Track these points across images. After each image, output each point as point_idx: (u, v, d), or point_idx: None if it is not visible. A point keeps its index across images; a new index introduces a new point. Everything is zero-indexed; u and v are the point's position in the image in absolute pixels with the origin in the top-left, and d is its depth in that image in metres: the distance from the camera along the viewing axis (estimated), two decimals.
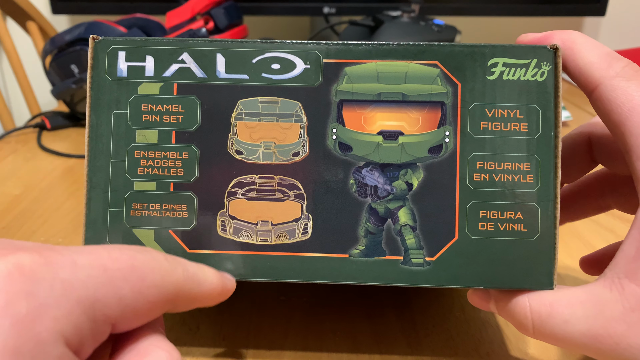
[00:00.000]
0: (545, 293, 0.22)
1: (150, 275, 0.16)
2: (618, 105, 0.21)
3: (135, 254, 0.16)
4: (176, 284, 0.18)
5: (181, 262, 0.19)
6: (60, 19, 0.93)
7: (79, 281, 0.14)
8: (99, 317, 0.15)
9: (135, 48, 0.24)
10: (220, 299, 0.21)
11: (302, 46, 0.24)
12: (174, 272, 0.18)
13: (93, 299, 0.15)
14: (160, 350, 0.17)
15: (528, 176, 0.23)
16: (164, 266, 0.17)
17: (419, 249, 0.23)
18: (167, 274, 0.17)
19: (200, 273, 0.20)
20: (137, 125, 0.23)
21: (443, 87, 0.23)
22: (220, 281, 0.21)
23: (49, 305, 0.13)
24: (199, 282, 0.19)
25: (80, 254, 0.15)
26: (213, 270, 0.21)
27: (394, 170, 0.23)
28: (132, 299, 0.16)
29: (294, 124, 0.23)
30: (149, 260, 0.17)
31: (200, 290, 0.19)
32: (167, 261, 0.18)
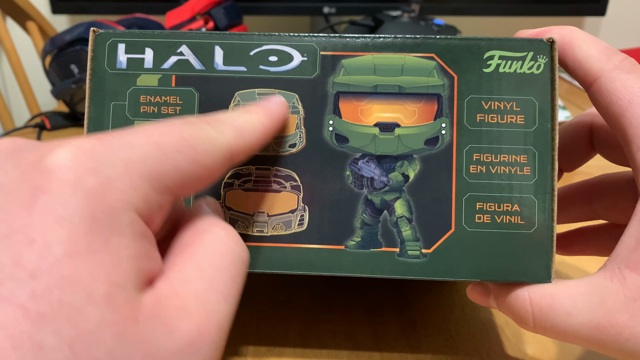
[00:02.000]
0: (546, 286, 0.22)
1: (201, 144, 0.17)
2: (617, 97, 0.21)
3: (182, 127, 0.17)
4: (227, 145, 0.18)
5: (228, 121, 0.19)
6: (60, 19, 0.93)
7: (137, 157, 0.15)
8: (161, 187, 0.16)
9: (134, 40, 0.24)
10: (277, 132, 0.22)
11: (300, 39, 0.24)
12: (221, 135, 0.18)
13: (153, 172, 0.15)
14: (218, 228, 0.18)
15: (525, 168, 0.23)
16: (211, 134, 0.18)
17: (415, 241, 0.23)
18: (216, 140, 0.18)
19: (250, 123, 0.20)
20: (135, 117, 0.24)
21: (439, 79, 0.23)
22: (271, 119, 0.21)
23: (114, 178, 0.14)
24: (249, 134, 0.20)
25: (133, 134, 0.16)
26: (260, 109, 0.21)
27: (390, 162, 0.23)
28: (188, 167, 0.16)
29: (291, 115, 0.23)
30: (195, 130, 0.17)
31: (252, 140, 0.20)
32: (212, 128, 0.18)
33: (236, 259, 0.17)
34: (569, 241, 0.29)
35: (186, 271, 0.16)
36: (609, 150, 0.26)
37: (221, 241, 0.17)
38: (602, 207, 0.27)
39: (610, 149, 0.26)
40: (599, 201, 0.27)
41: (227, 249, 0.17)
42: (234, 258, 0.17)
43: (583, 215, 0.28)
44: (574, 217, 0.29)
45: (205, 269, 0.16)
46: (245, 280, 0.18)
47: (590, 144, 0.26)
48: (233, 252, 0.17)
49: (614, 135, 0.25)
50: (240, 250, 0.18)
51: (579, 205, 0.28)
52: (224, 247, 0.17)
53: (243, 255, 0.18)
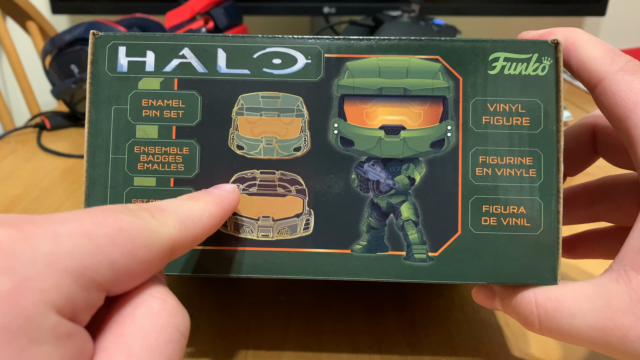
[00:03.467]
0: (551, 288, 0.22)
1: (139, 235, 0.15)
2: (622, 98, 0.21)
3: (120, 216, 0.16)
4: (169, 238, 0.17)
5: (172, 210, 0.18)
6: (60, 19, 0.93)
7: (62, 252, 0.14)
8: (90, 284, 0.14)
9: (135, 43, 0.24)
10: (224, 222, 0.20)
11: (303, 41, 0.24)
12: (163, 227, 0.17)
13: (81, 268, 0.14)
14: (153, 299, 0.16)
15: (530, 170, 0.23)
16: (152, 225, 0.16)
17: (421, 244, 0.23)
18: (156, 232, 0.16)
19: (195, 213, 0.18)
20: (137, 121, 0.23)
21: (445, 81, 0.23)
22: (219, 208, 0.20)
23: (32, 278, 0.13)
24: (194, 225, 0.18)
25: (61, 223, 0.14)
26: (207, 197, 0.20)
27: (396, 165, 0.23)
28: (124, 262, 0.15)
29: (295, 118, 0.23)
30: (135, 220, 0.16)
31: (197, 231, 0.18)
32: (154, 218, 0.17)
33: (173, 335, 0.16)
34: (574, 244, 0.29)
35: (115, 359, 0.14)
36: (612, 154, 0.26)
37: (156, 315, 0.16)
38: (605, 209, 0.27)
39: (613, 153, 0.25)
40: (602, 203, 0.27)
41: (162, 324, 0.16)
42: (170, 334, 0.16)
43: (586, 217, 0.28)
44: (577, 219, 0.29)
45: (136, 355, 0.15)
46: (183, 355, 0.16)
47: (593, 147, 0.26)
48: (169, 327, 0.16)
49: (617, 139, 0.25)
50: (178, 322, 0.16)
51: (581, 207, 0.28)
52: (159, 323, 0.15)
53: (182, 327, 0.16)
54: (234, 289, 0.32)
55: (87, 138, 0.23)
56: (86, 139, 0.23)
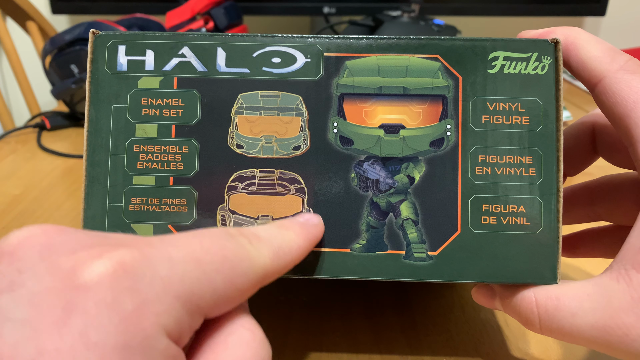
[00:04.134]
0: (552, 287, 0.22)
1: (240, 264, 0.16)
2: (623, 97, 0.21)
3: (224, 243, 0.16)
4: (264, 268, 0.17)
5: (267, 239, 0.18)
6: (60, 19, 0.93)
7: (176, 276, 0.14)
8: (195, 309, 0.15)
9: (135, 42, 0.24)
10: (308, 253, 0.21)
11: (303, 40, 0.23)
12: (259, 256, 0.17)
13: (190, 293, 0.15)
14: (244, 329, 0.17)
15: (530, 169, 0.23)
16: (251, 253, 0.17)
17: (421, 243, 0.23)
18: (254, 261, 0.17)
19: (287, 244, 0.19)
20: (136, 119, 0.23)
21: (444, 80, 0.23)
22: (306, 240, 0.20)
23: (151, 301, 0.14)
24: (285, 255, 0.19)
25: (175, 247, 0.15)
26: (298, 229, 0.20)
27: (395, 164, 0.23)
28: (224, 289, 0.16)
29: (295, 117, 0.23)
30: (236, 248, 0.17)
31: (287, 263, 0.19)
32: (252, 246, 0.17)
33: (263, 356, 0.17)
34: (574, 243, 0.29)
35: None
36: (612, 153, 0.26)
37: (246, 345, 0.16)
38: (605, 208, 0.27)
39: (613, 152, 0.25)
40: (602, 203, 0.27)
41: (252, 354, 0.16)
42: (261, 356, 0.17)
43: (585, 217, 0.28)
44: (576, 218, 0.28)
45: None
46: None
47: (592, 147, 0.26)
48: (257, 357, 0.16)
49: (617, 138, 0.25)
50: (264, 354, 0.17)
51: (581, 206, 0.28)
52: (249, 353, 0.16)
53: (266, 358, 0.17)
54: None
55: (86, 137, 0.23)
56: (86, 138, 0.23)
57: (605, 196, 0.27)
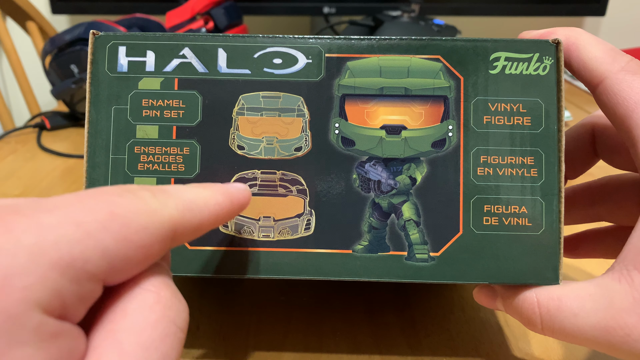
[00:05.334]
0: (553, 287, 0.22)
1: (135, 218, 0.14)
2: (624, 98, 0.21)
3: (114, 198, 0.14)
4: (170, 220, 0.15)
5: (175, 193, 0.16)
6: (60, 19, 0.93)
7: (47, 243, 0.13)
8: (81, 275, 0.13)
9: (135, 43, 0.24)
10: (232, 216, 0.19)
11: (304, 41, 0.23)
12: (164, 208, 0.15)
13: (69, 259, 0.13)
14: (146, 292, 0.15)
15: (532, 170, 0.23)
16: (151, 205, 0.15)
17: (423, 244, 0.23)
18: (156, 213, 0.15)
19: (201, 199, 0.17)
20: (137, 121, 0.23)
21: (446, 81, 0.23)
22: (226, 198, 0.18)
23: (14, 274, 0.12)
24: (200, 210, 0.17)
25: (48, 211, 0.13)
26: (216, 187, 0.18)
27: (397, 165, 0.23)
28: (117, 248, 0.14)
29: (296, 118, 0.23)
30: (131, 201, 0.15)
31: (202, 217, 0.17)
32: (155, 197, 0.15)
33: (169, 329, 0.15)
34: (575, 244, 0.29)
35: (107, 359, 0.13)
36: (612, 155, 0.26)
37: (149, 309, 0.14)
38: (606, 209, 0.27)
39: (613, 154, 0.25)
40: (603, 203, 0.27)
41: (156, 318, 0.14)
42: (165, 328, 0.14)
43: (586, 217, 0.28)
44: (577, 219, 0.28)
45: (129, 352, 0.14)
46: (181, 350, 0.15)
47: (593, 149, 0.26)
48: (164, 321, 0.15)
49: (617, 140, 0.25)
50: (173, 315, 0.15)
51: (582, 207, 0.28)
52: (152, 317, 0.14)
53: (178, 320, 0.15)
54: (234, 289, 0.32)
55: (87, 138, 0.23)
56: (86, 139, 0.23)
57: (606, 197, 0.27)
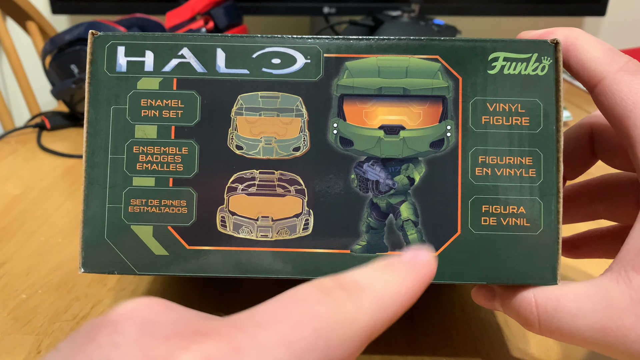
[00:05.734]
0: (551, 288, 0.22)
1: (335, 334, 0.15)
2: (622, 98, 0.21)
3: (316, 310, 0.15)
4: (367, 328, 0.15)
5: (368, 288, 0.16)
6: (60, 19, 0.93)
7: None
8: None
9: (134, 43, 0.24)
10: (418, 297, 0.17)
11: (303, 41, 0.23)
12: (360, 315, 0.15)
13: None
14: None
15: (530, 170, 0.23)
16: (349, 314, 0.15)
17: (421, 244, 0.23)
18: (354, 323, 0.15)
19: (392, 290, 0.16)
20: (136, 121, 0.23)
21: (444, 81, 0.23)
22: (416, 281, 0.17)
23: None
24: (393, 307, 0.16)
25: (263, 329, 0.14)
26: (404, 268, 0.17)
27: (395, 165, 0.23)
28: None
29: (295, 118, 0.23)
30: (331, 311, 0.15)
31: (395, 314, 0.16)
32: (351, 300, 0.15)
33: None
34: (575, 244, 0.29)
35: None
36: (610, 156, 0.26)
37: None
38: (604, 207, 0.27)
39: (612, 155, 0.25)
40: (601, 202, 0.27)
41: None
42: None
43: (585, 216, 0.28)
44: (576, 217, 0.28)
45: None
46: None
47: (591, 150, 0.26)
48: None
49: (615, 141, 0.25)
50: None
51: (581, 205, 0.28)
52: None
53: None
54: (233, 289, 0.32)
55: (86, 138, 0.23)
56: (85, 139, 0.23)
57: (605, 195, 0.27)
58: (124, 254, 0.23)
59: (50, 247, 0.37)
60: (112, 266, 0.23)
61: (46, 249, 0.37)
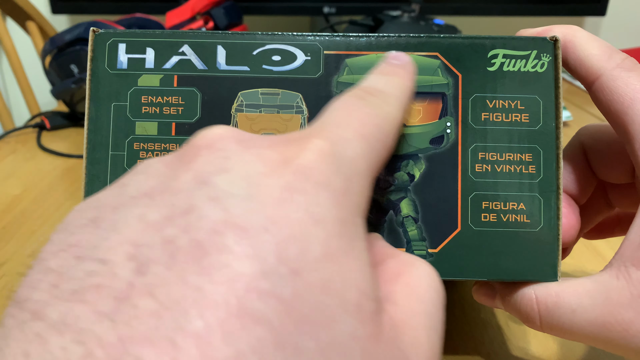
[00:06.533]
0: (552, 284, 0.22)
1: (386, 127, 0.17)
2: (620, 95, 0.21)
3: (370, 111, 0.17)
4: (399, 120, 0.18)
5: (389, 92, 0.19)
6: (60, 19, 0.93)
7: (358, 156, 0.15)
8: (372, 183, 0.16)
9: (135, 40, 0.24)
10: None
11: (303, 38, 0.24)
12: (393, 111, 0.18)
13: (370, 170, 0.16)
14: (421, 262, 0.17)
15: (530, 167, 0.23)
16: (387, 112, 0.17)
17: (421, 241, 0.23)
18: (392, 118, 0.17)
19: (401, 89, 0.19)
20: (136, 117, 0.23)
21: (444, 78, 0.23)
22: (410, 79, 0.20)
23: (351, 180, 0.15)
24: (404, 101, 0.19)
25: (341, 127, 0.16)
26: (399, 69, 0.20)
27: (395, 162, 0.23)
28: (384, 154, 0.17)
29: (295, 115, 0.23)
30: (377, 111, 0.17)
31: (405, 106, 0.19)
32: (384, 102, 0.18)
33: (442, 297, 0.17)
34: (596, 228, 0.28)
35: (411, 302, 0.15)
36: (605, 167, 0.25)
37: (430, 276, 0.17)
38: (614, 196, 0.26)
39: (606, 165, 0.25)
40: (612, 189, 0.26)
41: (437, 285, 0.17)
42: (441, 295, 0.17)
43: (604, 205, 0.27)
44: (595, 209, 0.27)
45: (426, 302, 0.16)
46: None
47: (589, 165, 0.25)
48: (440, 289, 0.17)
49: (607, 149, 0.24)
50: (442, 289, 0.17)
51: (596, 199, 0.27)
52: (435, 284, 0.16)
53: (444, 294, 0.17)
54: None
55: (86, 135, 0.23)
56: (86, 136, 0.23)
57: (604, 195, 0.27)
58: None
59: None
60: None
61: None
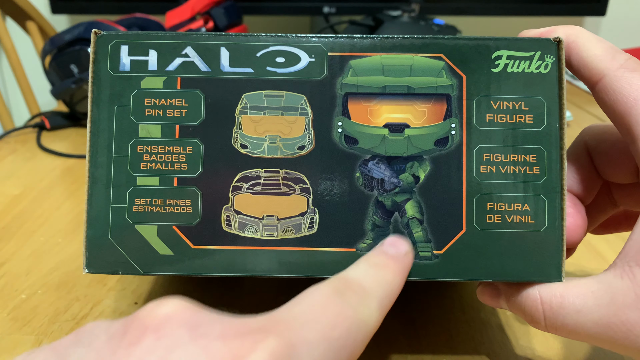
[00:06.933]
0: (556, 284, 0.22)
1: (357, 333, 0.17)
2: (623, 95, 0.21)
3: (345, 312, 0.17)
4: (374, 328, 0.18)
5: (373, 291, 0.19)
6: (60, 19, 0.93)
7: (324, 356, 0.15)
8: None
9: (138, 42, 0.23)
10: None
11: (307, 40, 0.23)
12: (371, 315, 0.18)
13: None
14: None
15: (534, 168, 0.23)
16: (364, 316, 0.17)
17: (426, 242, 0.23)
18: (368, 324, 0.18)
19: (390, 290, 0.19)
20: (140, 120, 0.23)
21: (448, 79, 0.23)
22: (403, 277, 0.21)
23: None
24: (388, 303, 0.19)
25: (307, 327, 0.16)
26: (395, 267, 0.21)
27: (400, 163, 0.23)
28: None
29: (299, 117, 0.23)
30: (354, 315, 0.17)
31: (388, 308, 0.19)
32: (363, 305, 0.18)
33: None
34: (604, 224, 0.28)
35: None
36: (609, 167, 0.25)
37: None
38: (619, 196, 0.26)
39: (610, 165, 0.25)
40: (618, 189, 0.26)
41: None
42: None
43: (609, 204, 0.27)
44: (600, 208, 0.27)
45: None
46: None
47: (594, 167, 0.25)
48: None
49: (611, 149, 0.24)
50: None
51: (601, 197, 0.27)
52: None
53: None
54: (234, 288, 0.32)
55: (89, 137, 0.23)
56: (88, 139, 0.23)
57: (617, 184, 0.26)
58: (129, 254, 0.23)
59: (50, 247, 0.37)
60: (116, 266, 0.23)
61: (46, 249, 0.37)
